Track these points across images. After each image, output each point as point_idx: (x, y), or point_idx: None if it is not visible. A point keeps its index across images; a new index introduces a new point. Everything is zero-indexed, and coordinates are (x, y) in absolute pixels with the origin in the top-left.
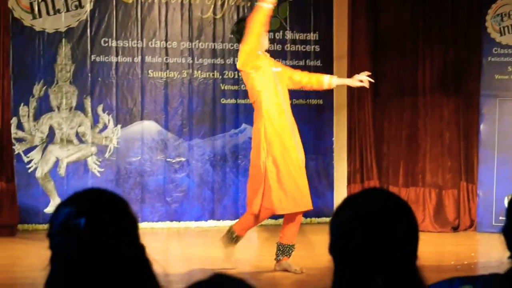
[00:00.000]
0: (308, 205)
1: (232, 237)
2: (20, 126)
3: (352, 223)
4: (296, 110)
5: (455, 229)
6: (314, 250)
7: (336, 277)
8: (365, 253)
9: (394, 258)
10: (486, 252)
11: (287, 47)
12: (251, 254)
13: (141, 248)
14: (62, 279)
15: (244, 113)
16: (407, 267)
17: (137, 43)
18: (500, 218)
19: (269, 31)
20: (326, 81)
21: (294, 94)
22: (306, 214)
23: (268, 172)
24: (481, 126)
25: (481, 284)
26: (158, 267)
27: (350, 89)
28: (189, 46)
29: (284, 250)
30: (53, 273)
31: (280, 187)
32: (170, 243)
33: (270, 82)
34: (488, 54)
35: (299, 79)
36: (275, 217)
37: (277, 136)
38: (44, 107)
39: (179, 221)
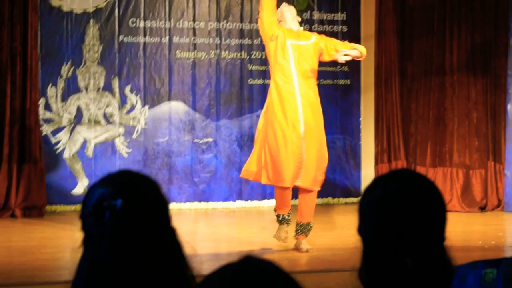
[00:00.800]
0: (284, 182)
1: (278, 218)
2: (48, 107)
3: (381, 204)
4: (324, 90)
5: (483, 209)
6: (342, 230)
7: (365, 257)
8: (394, 234)
9: (422, 239)
10: None
11: (314, 27)
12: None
13: (172, 230)
14: (96, 260)
15: None
16: (435, 248)
17: (164, 24)
18: None
19: (298, 12)
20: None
21: (321, 74)
22: (333, 194)
23: (259, 140)
24: (508, 106)
25: (505, 267)
26: (188, 249)
27: (377, 69)
28: (216, 26)
29: (301, 228)
30: (87, 254)
31: (271, 159)
32: (198, 223)
33: (284, 54)
34: None
35: (329, 51)
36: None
37: (280, 108)
38: (72, 88)
39: (207, 202)
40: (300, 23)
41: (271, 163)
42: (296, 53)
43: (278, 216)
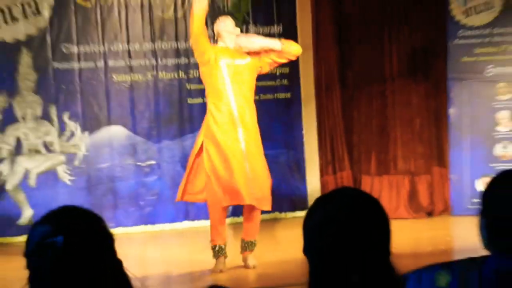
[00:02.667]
0: (232, 201)
1: (214, 250)
2: None
3: (325, 225)
4: (265, 105)
5: (430, 214)
6: (290, 244)
7: (312, 277)
8: (339, 254)
9: (368, 256)
10: (461, 236)
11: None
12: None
13: (118, 263)
14: None
15: None
16: (381, 264)
17: (99, 48)
18: (473, 200)
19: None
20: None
21: (260, 89)
22: (280, 209)
23: (195, 162)
24: (450, 110)
25: (458, 269)
26: (135, 280)
27: (317, 79)
28: (151, 47)
29: (246, 245)
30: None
31: (208, 180)
32: (147, 247)
33: (217, 75)
34: (454, 37)
35: (267, 65)
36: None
37: (217, 130)
38: (9, 119)
39: (154, 224)
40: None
41: (217, 183)
42: (231, 73)
43: (214, 247)
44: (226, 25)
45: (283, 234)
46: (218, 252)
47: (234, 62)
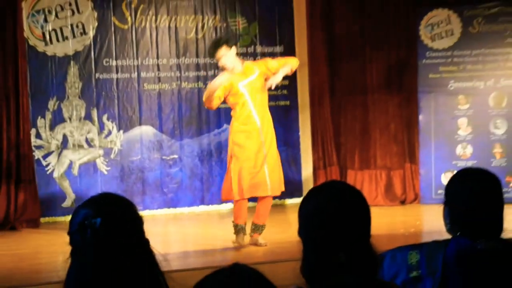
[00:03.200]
0: (263, 192)
1: (236, 228)
2: (38, 136)
3: (316, 211)
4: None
5: (403, 202)
6: (287, 226)
7: (305, 254)
8: (329, 236)
9: (352, 238)
10: (429, 221)
11: (257, 59)
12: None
13: (146, 242)
14: (81, 270)
15: (225, 115)
16: (363, 244)
17: (133, 62)
18: (439, 191)
19: (241, 47)
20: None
21: None
22: (279, 196)
23: (231, 164)
24: (420, 117)
25: (426, 250)
26: (159, 256)
27: (311, 91)
28: (177, 62)
29: (256, 228)
30: (74, 265)
31: (239, 179)
32: (168, 226)
33: (240, 99)
34: (423, 57)
35: (274, 67)
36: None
37: (242, 136)
38: (58, 119)
39: (175, 208)
40: (245, 55)
41: (238, 182)
42: (249, 90)
43: (236, 226)
44: (227, 56)
45: (281, 218)
46: (239, 230)
47: (248, 80)
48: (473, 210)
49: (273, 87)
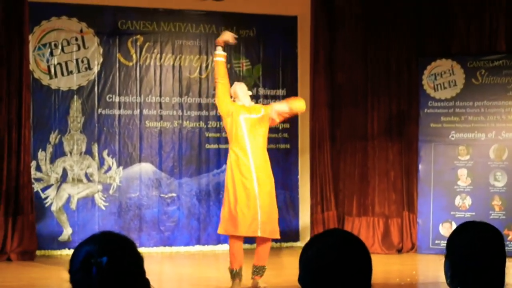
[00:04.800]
0: (252, 233)
1: (231, 274)
2: (38, 168)
3: (317, 260)
4: (268, 154)
5: (399, 251)
6: (284, 270)
7: None
8: (329, 284)
9: (353, 286)
10: (425, 271)
11: (260, 101)
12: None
13: (147, 282)
14: None
15: (225, 155)
16: None
17: (136, 99)
18: (436, 241)
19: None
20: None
21: None
22: (275, 240)
23: (226, 201)
24: (420, 166)
25: None
26: None
27: (312, 135)
28: (179, 101)
29: (257, 270)
30: None
31: (229, 213)
32: (164, 265)
33: (237, 127)
34: (425, 107)
35: (278, 115)
36: (250, 242)
37: (237, 172)
38: (58, 152)
39: (171, 246)
40: (251, 97)
41: (229, 216)
42: (248, 126)
43: (231, 271)
44: (242, 88)
45: (277, 261)
46: (235, 275)
47: (250, 117)
48: (474, 264)
49: (277, 119)
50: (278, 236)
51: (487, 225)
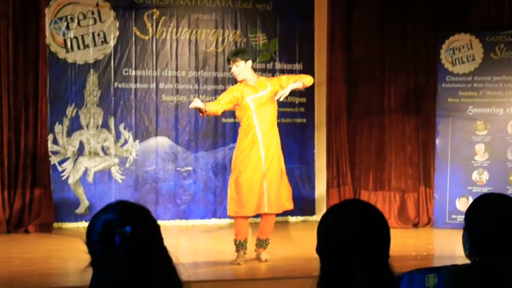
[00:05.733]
0: (256, 211)
1: (236, 245)
2: (55, 141)
3: (335, 229)
4: (285, 128)
5: (416, 225)
6: (300, 243)
7: (323, 272)
8: (346, 254)
9: (370, 257)
10: (441, 245)
11: (276, 75)
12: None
13: (165, 249)
14: (110, 280)
15: None
16: (380, 263)
17: (152, 72)
18: (452, 216)
19: (260, 63)
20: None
21: (282, 114)
22: (292, 213)
23: (231, 181)
24: (437, 141)
25: (444, 273)
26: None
27: (328, 110)
28: (195, 74)
29: (260, 243)
30: (98, 275)
31: (237, 194)
32: (180, 238)
33: (246, 112)
34: (442, 81)
35: (287, 83)
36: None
37: (243, 152)
38: (75, 126)
39: (187, 220)
40: (264, 71)
41: (236, 197)
42: (256, 105)
43: (236, 242)
44: (240, 68)
45: (293, 235)
46: (239, 246)
47: (257, 95)
48: (493, 235)
49: (281, 99)
50: (289, 208)
51: (505, 196)
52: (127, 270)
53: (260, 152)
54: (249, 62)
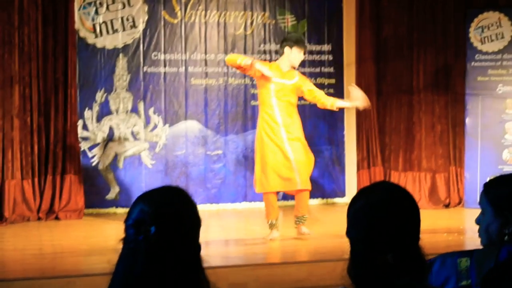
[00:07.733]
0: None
1: (269, 225)
2: (85, 127)
3: (365, 211)
4: (314, 109)
5: (446, 206)
6: (330, 226)
7: (353, 255)
8: (377, 236)
9: (401, 239)
10: (473, 225)
11: (305, 57)
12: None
13: (198, 247)
14: (130, 273)
15: None
16: (412, 246)
17: (181, 56)
18: None
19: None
20: (328, 103)
21: None
22: (322, 196)
23: (256, 159)
24: (467, 119)
25: (476, 256)
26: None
27: None
28: (224, 57)
29: (298, 220)
30: (123, 258)
31: (262, 171)
32: (211, 222)
33: (265, 90)
34: (472, 60)
35: (307, 95)
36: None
37: (267, 132)
38: (105, 111)
39: (218, 203)
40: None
41: (261, 174)
42: (276, 89)
43: (269, 222)
44: (299, 57)
45: (323, 217)
46: (272, 225)
47: (281, 81)
48: None
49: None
50: (309, 187)
51: None
52: (148, 266)
53: (281, 133)
54: (287, 49)
